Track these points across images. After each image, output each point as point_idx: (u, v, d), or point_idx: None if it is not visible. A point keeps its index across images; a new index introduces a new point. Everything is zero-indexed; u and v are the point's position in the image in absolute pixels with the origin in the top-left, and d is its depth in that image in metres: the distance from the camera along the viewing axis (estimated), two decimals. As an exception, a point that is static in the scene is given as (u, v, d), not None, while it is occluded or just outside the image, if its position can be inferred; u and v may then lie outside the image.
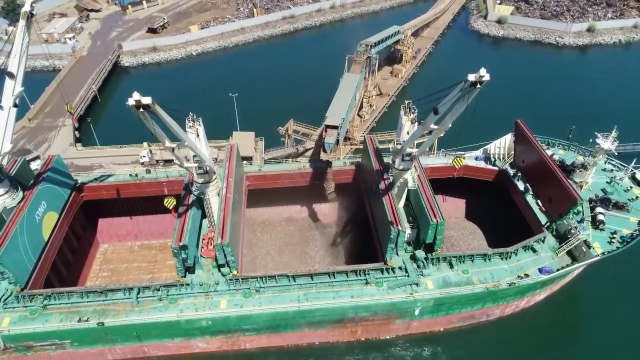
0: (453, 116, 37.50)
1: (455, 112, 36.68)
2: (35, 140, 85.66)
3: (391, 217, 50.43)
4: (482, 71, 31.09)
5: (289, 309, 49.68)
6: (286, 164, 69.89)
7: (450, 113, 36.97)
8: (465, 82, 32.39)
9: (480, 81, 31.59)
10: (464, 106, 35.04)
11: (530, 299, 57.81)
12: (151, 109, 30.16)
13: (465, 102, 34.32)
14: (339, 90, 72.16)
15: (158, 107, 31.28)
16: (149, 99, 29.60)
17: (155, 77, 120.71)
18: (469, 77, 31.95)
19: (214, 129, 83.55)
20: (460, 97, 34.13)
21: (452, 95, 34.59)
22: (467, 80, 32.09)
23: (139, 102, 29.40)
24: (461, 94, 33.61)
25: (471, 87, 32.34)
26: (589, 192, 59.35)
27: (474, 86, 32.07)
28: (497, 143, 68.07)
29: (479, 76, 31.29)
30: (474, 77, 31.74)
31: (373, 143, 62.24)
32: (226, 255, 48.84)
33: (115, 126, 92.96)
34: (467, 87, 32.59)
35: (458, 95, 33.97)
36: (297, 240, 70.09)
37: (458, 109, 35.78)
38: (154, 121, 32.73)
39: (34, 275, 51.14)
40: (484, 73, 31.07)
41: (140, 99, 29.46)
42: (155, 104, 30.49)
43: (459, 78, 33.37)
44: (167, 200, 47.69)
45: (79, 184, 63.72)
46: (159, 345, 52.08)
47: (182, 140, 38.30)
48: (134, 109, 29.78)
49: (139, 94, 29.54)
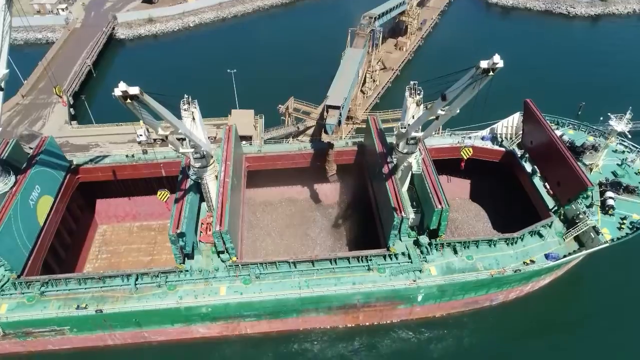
0: (462, 102, 35.32)
1: (464, 98, 34.44)
2: (29, 118, 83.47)
3: (395, 204, 48.91)
4: (496, 58, 28.66)
5: (289, 296, 48.89)
6: (287, 144, 67.90)
7: (459, 99, 34.73)
8: (477, 69, 30.03)
9: (494, 68, 29.23)
10: (475, 92, 32.77)
11: (535, 284, 56.94)
12: (140, 98, 28.03)
13: (476, 89, 32.03)
14: (341, 67, 69.25)
15: (147, 96, 29.10)
16: (136, 89, 27.43)
17: (152, 50, 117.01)
18: (481, 63, 29.57)
19: (212, 106, 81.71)
20: (471, 84, 31.81)
21: (462, 82, 32.25)
22: (479, 67, 29.72)
23: (126, 92, 27.26)
24: (472, 80, 31.27)
25: (483, 74, 30.01)
26: (599, 174, 57.40)
27: (486, 73, 29.74)
28: (504, 122, 65.67)
29: (492, 63, 28.89)
30: (487, 63, 29.34)
31: (376, 124, 60.02)
32: (225, 242, 47.65)
33: (112, 103, 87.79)
34: (478, 74, 30.25)
35: (468, 82, 31.63)
36: (298, 222, 68.88)
37: (467, 95, 33.52)
38: (145, 110, 30.56)
39: (31, 261, 50.21)
40: (498, 60, 28.64)
41: (127, 89, 27.29)
42: (144, 94, 28.32)
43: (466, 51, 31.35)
44: (160, 193, 46.04)
45: (74, 166, 62.14)
46: (159, 331, 51.69)
47: (176, 128, 36.31)
48: (121, 99, 27.66)
49: (125, 83, 27.35)
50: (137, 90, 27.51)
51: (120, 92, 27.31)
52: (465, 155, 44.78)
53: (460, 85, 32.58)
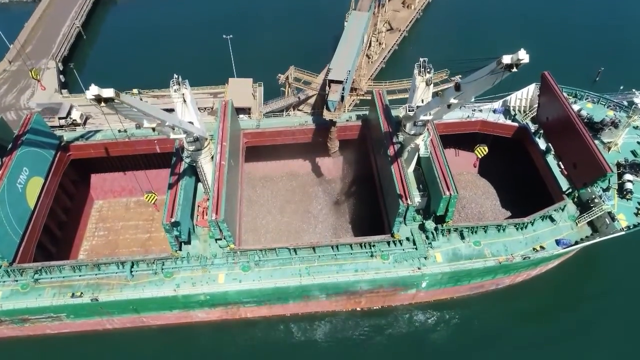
0: (477, 91, 31.78)
1: (479, 88, 30.84)
2: (17, 86, 79.45)
3: (400, 190, 46.25)
4: (521, 53, 24.87)
5: (290, 284, 47.44)
6: (287, 117, 64.35)
7: (474, 88, 31.13)
8: (499, 64, 26.33)
9: (517, 64, 25.56)
10: (493, 84, 29.21)
11: (543, 267, 55.22)
12: (116, 100, 24.71)
13: (494, 81, 28.44)
14: (345, 34, 64.14)
15: (125, 96, 25.67)
16: (110, 92, 23.99)
17: (145, 9, 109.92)
18: (504, 59, 25.80)
19: (209, 73, 77.66)
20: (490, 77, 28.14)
21: (480, 74, 28.59)
22: (501, 62, 26.01)
23: (99, 96, 23.93)
24: (491, 74, 27.63)
25: (505, 69, 26.36)
26: (618, 154, 54.12)
27: (509, 69, 26.10)
28: (518, 94, 61.67)
29: (517, 59, 25.17)
30: (510, 59, 25.62)
31: (382, 99, 56.25)
32: (222, 231, 45.60)
33: (103, 68, 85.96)
34: (499, 69, 26.58)
35: (487, 75, 27.98)
36: (299, 198, 66.62)
37: (484, 85, 29.94)
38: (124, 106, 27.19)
39: (23, 246, 48.60)
40: (523, 56, 24.89)
41: (99, 92, 23.91)
42: (121, 95, 24.93)
43: (479, 7, 26.80)
44: (148, 195, 43.65)
45: (64, 142, 59.24)
46: (157, 316, 50.91)
47: (163, 122, 33.16)
48: (95, 102, 24.42)
49: (96, 86, 23.90)
50: (112, 92, 24.14)
51: (92, 96, 24.06)
52: (480, 154, 41.40)
53: (476, 78, 28.96)
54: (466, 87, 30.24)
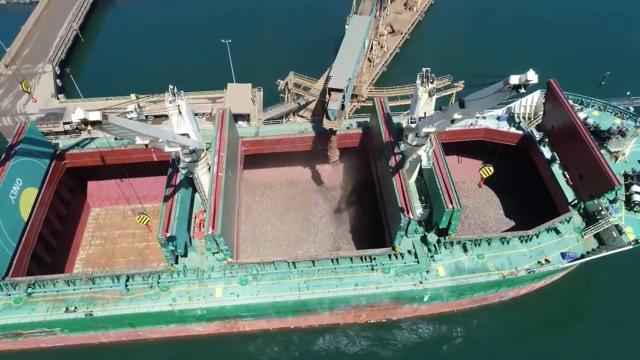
0: (482, 109, 30.54)
1: (484, 106, 29.62)
2: (13, 91, 78.22)
3: (402, 203, 45.07)
4: (530, 75, 23.62)
5: (288, 299, 46.32)
6: (286, 125, 63.13)
7: (479, 106, 29.86)
8: (505, 84, 25.07)
9: (526, 84, 24.32)
10: (499, 102, 27.96)
11: (548, 280, 54.01)
12: (104, 123, 23.51)
13: (500, 99, 27.19)
14: (346, 39, 62.76)
15: (114, 117, 24.48)
16: (97, 115, 22.83)
17: (143, 11, 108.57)
18: (511, 79, 24.54)
19: (208, 77, 76.43)
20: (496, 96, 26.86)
21: (485, 94, 27.32)
22: (508, 82, 24.75)
23: (85, 120, 22.74)
24: (498, 93, 26.35)
25: (512, 90, 25.11)
26: (625, 164, 52.78)
27: (516, 90, 24.85)
28: (523, 101, 60.24)
29: (526, 80, 23.92)
30: (518, 79, 24.37)
31: (383, 107, 54.98)
32: (219, 245, 44.49)
33: (101, 73, 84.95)
34: (506, 89, 25.30)
35: (493, 94, 26.70)
36: (299, 205, 65.45)
37: (489, 103, 28.69)
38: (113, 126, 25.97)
39: (16, 259, 47.62)
40: (532, 77, 23.64)
41: (85, 116, 22.73)
42: (109, 117, 23.73)
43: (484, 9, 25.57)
44: (139, 217, 42.79)
45: (59, 151, 58.21)
46: (154, 330, 49.89)
47: (156, 139, 32.05)
48: (82, 125, 23.27)
49: (82, 110, 22.69)
50: (99, 115, 22.99)
51: (78, 120, 22.93)
52: (485, 174, 40.19)
53: (482, 96, 27.70)
54: (471, 104, 28.97)
